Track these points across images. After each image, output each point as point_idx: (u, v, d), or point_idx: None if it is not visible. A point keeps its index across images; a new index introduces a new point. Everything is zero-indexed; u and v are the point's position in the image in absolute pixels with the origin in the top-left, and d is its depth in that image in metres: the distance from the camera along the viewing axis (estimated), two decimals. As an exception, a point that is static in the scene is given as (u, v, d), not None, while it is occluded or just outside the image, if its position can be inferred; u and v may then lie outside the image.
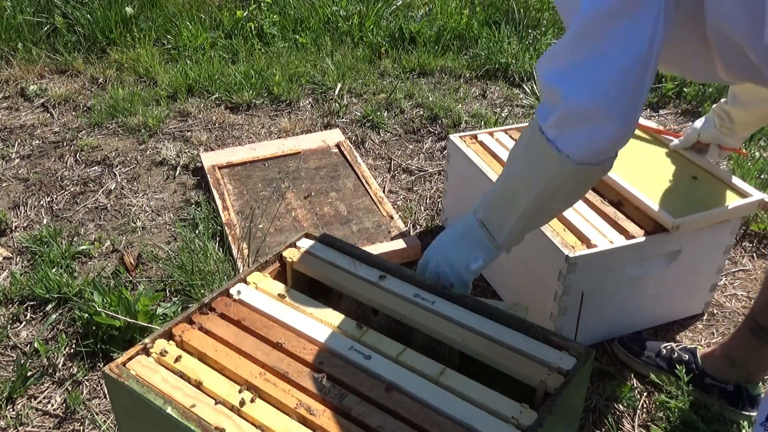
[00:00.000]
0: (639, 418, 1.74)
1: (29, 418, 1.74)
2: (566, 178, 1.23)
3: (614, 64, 1.10)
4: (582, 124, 1.15)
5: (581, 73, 1.12)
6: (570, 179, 1.24)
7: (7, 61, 3.50)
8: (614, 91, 1.12)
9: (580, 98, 1.13)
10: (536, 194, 1.27)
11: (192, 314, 1.31)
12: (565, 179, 1.24)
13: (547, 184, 1.25)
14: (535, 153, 1.24)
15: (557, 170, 1.22)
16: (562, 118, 1.16)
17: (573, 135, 1.17)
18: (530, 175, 1.26)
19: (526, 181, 1.27)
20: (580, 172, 1.22)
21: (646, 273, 1.85)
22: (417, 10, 4.04)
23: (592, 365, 1.64)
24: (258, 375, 1.18)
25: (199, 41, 3.67)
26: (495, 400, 1.12)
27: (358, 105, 3.22)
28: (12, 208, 2.52)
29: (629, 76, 1.11)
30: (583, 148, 1.18)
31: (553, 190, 1.26)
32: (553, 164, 1.21)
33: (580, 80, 1.12)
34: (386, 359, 1.21)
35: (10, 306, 2.07)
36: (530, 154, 1.26)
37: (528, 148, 1.27)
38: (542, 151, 1.21)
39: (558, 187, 1.26)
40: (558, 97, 1.15)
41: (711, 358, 1.74)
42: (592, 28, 1.10)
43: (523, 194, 1.28)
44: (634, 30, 1.08)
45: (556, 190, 1.27)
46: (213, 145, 2.92)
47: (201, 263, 2.12)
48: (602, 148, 1.19)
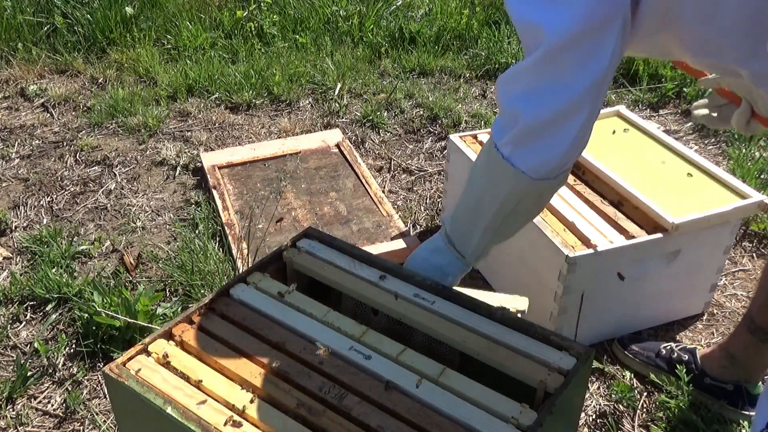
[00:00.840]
0: (639, 418, 1.74)
1: (29, 418, 1.74)
2: (524, 193, 1.25)
3: (575, 86, 1.12)
4: (536, 141, 1.18)
5: (541, 95, 1.14)
6: (528, 194, 1.26)
7: (7, 61, 3.50)
8: (572, 110, 1.14)
9: (537, 115, 1.15)
10: (497, 210, 1.28)
11: (192, 314, 1.31)
12: (523, 194, 1.26)
13: (506, 200, 1.27)
14: (493, 169, 1.25)
15: (515, 186, 1.23)
16: (517, 135, 1.18)
17: (527, 152, 1.19)
18: (490, 191, 1.28)
19: (487, 197, 1.29)
20: (537, 187, 1.23)
21: (646, 273, 1.85)
22: (417, 10, 4.04)
23: (592, 365, 1.64)
24: (258, 375, 1.18)
25: (199, 41, 3.67)
26: (495, 400, 1.12)
27: (358, 105, 3.22)
28: (12, 208, 2.52)
29: (587, 96, 1.13)
30: (537, 165, 1.20)
31: (513, 205, 1.28)
32: (511, 180, 1.23)
33: (539, 102, 1.15)
34: (386, 359, 1.21)
35: (10, 306, 2.07)
36: (488, 170, 1.28)
37: (486, 165, 1.28)
38: (499, 168, 1.23)
39: (517, 202, 1.27)
40: (516, 117, 1.17)
41: (710, 359, 1.74)
42: (556, 53, 1.10)
43: (485, 210, 1.30)
44: (597, 53, 1.09)
45: (516, 205, 1.28)
46: (213, 145, 2.92)
47: (201, 263, 2.12)
48: (556, 164, 1.21)
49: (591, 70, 1.11)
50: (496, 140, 1.23)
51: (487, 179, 1.29)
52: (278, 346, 1.24)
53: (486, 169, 1.29)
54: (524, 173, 1.20)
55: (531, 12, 1.11)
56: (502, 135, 1.22)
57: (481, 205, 1.31)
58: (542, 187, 1.24)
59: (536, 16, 1.09)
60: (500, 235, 1.36)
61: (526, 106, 1.16)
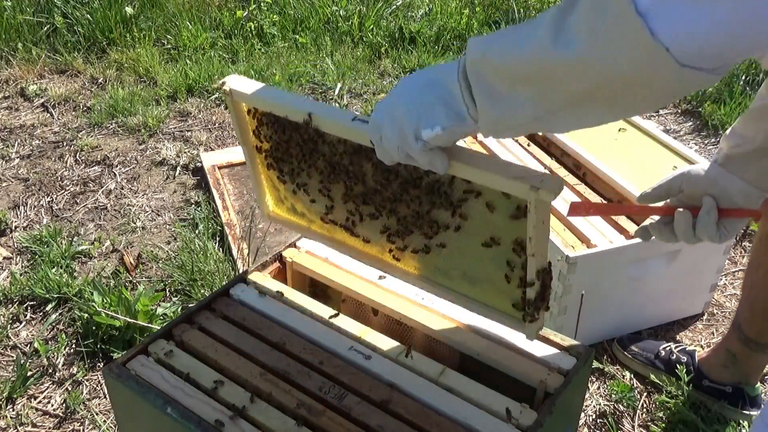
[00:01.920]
0: (639, 418, 1.74)
1: (29, 418, 1.74)
2: (648, 79, 0.73)
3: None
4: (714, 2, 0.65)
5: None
6: (653, 84, 0.74)
7: (7, 61, 3.50)
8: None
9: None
10: (585, 88, 0.77)
11: (192, 314, 1.31)
12: (644, 80, 0.74)
13: (610, 81, 0.75)
14: (607, 26, 0.71)
15: (639, 64, 0.71)
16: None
17: (689, 15, 0.67)
18: (587, 61, 0.74)
19: (577, 68, 0.76)
20: (676, 76, 0.71)
21: (646, 273, 1.85)
22: (417, 10, 4.04)
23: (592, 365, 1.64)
24: (258, 375, 1.18)
25: (199, 41, 3.67)
26: (495, 400, 1.12)
27: (358, 105, 3.22)
28: (12, 208, 2.52)
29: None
30: (700, 42, 0.68)
31: (616, 90, 0.76)
32: (636, 52, 0.70)
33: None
34: (386, 359, 1.21)
35: (10, 306, 2.07)
36: (596, 29, 0.72)
37: (594, 18, 0.72)
38: (621, 27, 0.70)
39: (626, 89, 0.76)
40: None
41: (708, 362, 1.74)
42: None
43: (561, 82, 0.79)
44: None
45: (620, 93, 0.77)
46: (213, 145, 2.92)
47: (201, 263, 2.12)
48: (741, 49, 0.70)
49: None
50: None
51: (589, 40, 0.73)
52: (278, 346, 1.25)
53: (591, 21, 0.73)
54: (668, 51, 0.68)
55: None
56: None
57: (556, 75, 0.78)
58: (686, 79, 0.71)
59: None
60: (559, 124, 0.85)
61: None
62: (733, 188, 1.17)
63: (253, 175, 1.34)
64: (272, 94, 1.18)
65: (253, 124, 1.24)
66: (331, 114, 1.10)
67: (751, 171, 1.16)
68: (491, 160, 0.98)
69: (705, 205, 1.15)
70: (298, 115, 1.14)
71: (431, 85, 0.91)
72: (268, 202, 1.38)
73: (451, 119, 0.89)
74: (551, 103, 0.81)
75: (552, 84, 0.79)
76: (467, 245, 1.09)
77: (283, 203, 1.36)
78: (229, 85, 1.18)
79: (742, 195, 1.17)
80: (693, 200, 1.19)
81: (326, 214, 1.26)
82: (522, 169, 0.94)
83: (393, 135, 0.94)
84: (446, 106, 0.89)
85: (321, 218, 1.28)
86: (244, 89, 1.18)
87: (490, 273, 1.09)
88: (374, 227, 1.20)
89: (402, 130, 0.93)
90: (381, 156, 1.00)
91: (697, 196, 1.18)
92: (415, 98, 0.91)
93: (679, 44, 0.68)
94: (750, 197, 1.17)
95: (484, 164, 0.96)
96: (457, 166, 0.97)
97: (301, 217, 1.34)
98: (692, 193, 1.19)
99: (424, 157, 0.94)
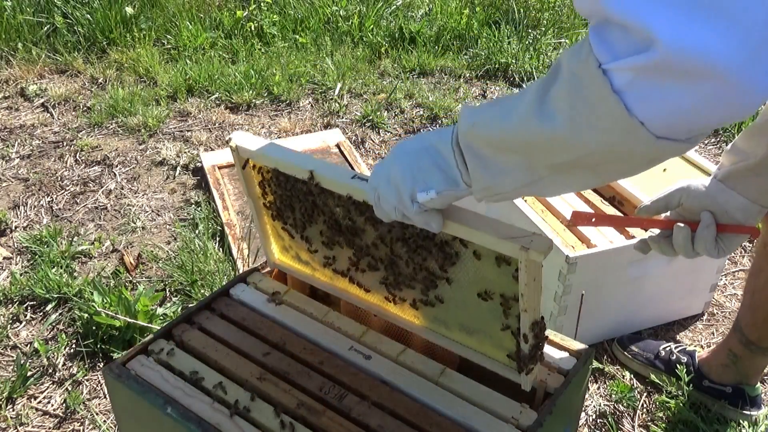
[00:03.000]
0: (639, 418, 1.74)
1: (29, 418, 1.74)
2: (626, 151, 0.77)
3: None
4: (683, 82, 0.68)
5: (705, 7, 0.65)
6: (631, 155, 0.77)
7: (7, 61, 3.50)
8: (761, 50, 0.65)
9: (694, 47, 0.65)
10: (568, 159, 0.81)
11: (192, 314, 1.31)
12: (622, 152, 0.77)
13: (591, 153, 0.78)
14: (585, 103, 0.75)
15: (616, 138, 0.74)
16: (650, 66, 0.68)
17: (660, 94, 0.69)
18: (566, 135, 0.78)
19: (558, 141, 0.79)
20: (652, 148, 0.74)
21: (646, 273, 1.85)
22: (417, 10, 4.04)
23: (592, 365, 1.64)
24: (258, 375, 1.18)
25: (199, 41, 3.67)
26: (495, 400, 1.12)
27: (358, 105, 3.22)
28: (12, 208, 2.52)
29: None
30: (672, 117, 0.71)
31: (597, 160, 0.80)
32: (613, 127, 0.74)
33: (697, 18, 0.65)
34: (386, 359, 1.21)
35: (10, 306, 2.07)
36: (575, 104, 0.76)
37: (573, 95, 0.76)
38: (598, 103, 0.73)
39: (606, 160, 0.80)
40: (645, 34, 0.67)
41: (708, 362, 1.74)
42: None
43: (545, 153, 0.82)
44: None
45: (602, 163, 0.81)
46: (213, 145, 2.92)
47: (201, 263, 2.12)
48: (708, 122, 0.72)
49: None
50: (601, 56, 0.72)
51: (568, 115, 0.77)
52: (278, 346, 1.25)
53: (570, 97, 0.76)
54: (643, 125, 0.71)
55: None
56: (612, 54, 0.71)
57: (540, 147, 0.82)
58: (662, 149, 0.74)
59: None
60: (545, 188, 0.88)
61: (669, 24, 0.66)
62: (733, 204, 1.17)
63: (258, 225, 1.39)
64: (276, 151, 1.23)
65: (258, 177, 1.29)
66: (332, 172, 1.15)
67: (751, 187, 1.17)
68: (484, 220, 1.01)
69: (704, 220, 1.16)
70: (300, 172, 1.18)
71: (427, 150, 0.95)
72: (274, 250, 1.43)
73: (445, 184, 0.93)
74: (538, 171, 0.85)
75: (537, 154, 0.83)
76: (463, 297, 1.13)
77: (287, 251, 1.40)
78: (235, 141, 1.24)
79: (741, 211, 1.17)
80: (692, 214, 1.20)
81: (328, 264, 1.31)
82: (513, 230, 0.98)
83: (390, 196, 0.98)
84: (441, 171, 0.93)
85: (323, 267, 1.33)
86: (250, 146, 1.23)
87: (486, 324, 1.13)
88: (374, 278, 1.25)
89: (399, 192, 0.96)
90: (378, 214, 1.03)
91: (696, 210, 1.19)
92: (412, 162, 0.95)
93: (653, 119, 0.71)
94: (749, 213, 1.18)
95: (476, 224, 1.00)
96: (451, 225, 1.01)
97: (305, 265, 1.38)
98: (692, 207, 1.20)
99: (420, 218, 0.98)
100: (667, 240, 1.21)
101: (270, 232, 1.40)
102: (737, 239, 1.18)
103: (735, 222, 1.17)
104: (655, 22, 0.66)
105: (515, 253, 0.96)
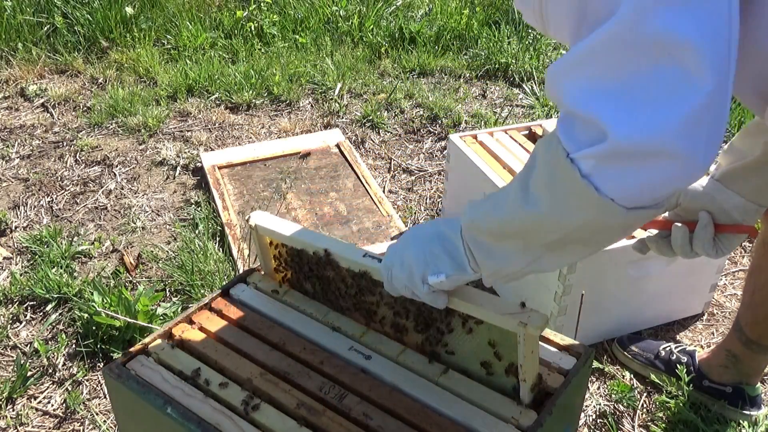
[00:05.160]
0: (639, 418, 1.74)
1: (29, 418, 1.74)
2: (606, 224, 0.88)
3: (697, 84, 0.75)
4: (637, 162, 0.79)
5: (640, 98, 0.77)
6: (610, 226, 0.89)
7: (7, 61, 3.50)
8: (695, 124, 0.76)
9: (640, 134, 0.77)
10: (557, 239, 0.92)
11: (192, 314, 1.31)
12: (603, 225, 0.88)
13: (576, 229, 0.89)
14: (561, 188, 0.86)
15: (595, 215, 0.86)
16: (607, 154, 0.80)
17: (621, 175, 0.81)
18: (551, 217, 0.89)
19: (545, 219, 0.90)
20: (626, 218, 0.85)
21: (646, 273, 1.85)
22: (417, 10, 4.04)
23: (592, 365, 1.64)
24: (258, 375, 1.18)
25: (199, 41, 3.67)
26: (495, 400, 1.12)
27: (358, 105, 3.22)
28: (12, 208, 2.52)
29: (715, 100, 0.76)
30: (636, 192, 0.82)
31: (585, 235, 0.91)
32: (590, 206, 0.84)
33: (638, 110, 0.77)
34: (386, 359, 1.21)
35: (10, 306, 2.07)
36: (553, 190, 0.88)
37: (549, 176, 0.88)
38: (572, 186, 0.84)
39: (592, 232, 0.90)
40: (598, 127, 0.79)
41: (708, 362, 1.74)
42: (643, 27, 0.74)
43: (537, 235, 0.93)
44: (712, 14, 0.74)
45: (590, 236, 0.92)
46: (213, 145, 2.92)
47: (201, 263, 2.12)
48: (666, 191, 0.83)
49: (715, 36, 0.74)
50: (571, 151, 0.83)
51: (551, 198, 0.88)
52: (278, 346, 1.25)
53: (548, 184, 0.88)
54: (613, 201, 0.82)
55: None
56: (576, 144, 0.83)
57: (537, 227, 0.92)
58: (634, 218, 0.85)
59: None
60: (549, 263, 0.98)
61: (615, 116, 0.78)
62: (731, 203, 1.19)
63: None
64: (293, 229, 1.33)
65: (274, 251, 1.38)
66: (345, 250, 1.26)
67: (748, 186, 1.19)
68: (485, 297, 1.10)
69: (701, 220, 1.19)
70: (316, 250, 1.29)
71: (438, 237, 1.06)
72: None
73: (454, 269, 1.03)
74: (535, 252, 0.96)
75: (530, 236, 0.94)
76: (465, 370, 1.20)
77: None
78: (254, 221, 1.34)
79: (739, 210, 1.19)
80: (690, 214, 1.21)
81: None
82: (512, 306, 1.07)
83: (402, 276, 1.08)
84: (451, 258, 1.03)
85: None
86: (267, 225, 1.34)
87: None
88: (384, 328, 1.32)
89: (411, 273, 1.07)
90: (388, 289, 1.13)
91: (694, 210, 1.21)
92: (425, 247, 1.06)
93: (620, 196, 0.82)
94: (747, 212, 1.19)
95: (479, 301, 1.09)
96: (455, 302, 1.10)
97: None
98: (690, 207, 1.22)
99: (428, 297, 1.08)
100: (665, 240, 1.22)
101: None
102: (735, 239, 1.19)
103: (733, 222, 1.18)
104: (604, 115, 0.78)
105: (514, 327, 1.05)
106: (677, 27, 0.73)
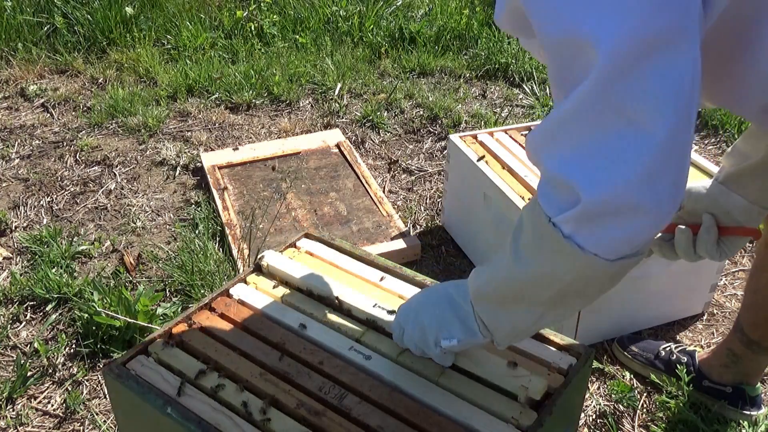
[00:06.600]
0: (639, 418, 1.74)
1: (29, 418, 1.74)
2: (594, 277, 0.95)
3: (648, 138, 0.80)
4: (609, 219, 0.86)
5: (603, 160, 0.83)
6: (599, 277, 0.95)
7: (7, 61, 3.50)
8: (653, 175, 0.82)
9: (607, 193, 0.84)
10: (552, 296, 0.98)
11: (192, 314, 1.31)
12: (593, 277, 0.95)
13: (569, 285, 0.96)
14: (548, 249, 0.93)
15: (582, 270, 0.93)
16: (582, 215, 0.87)
17: (599, 232, 0.88)
18: (544, 275, 0.96)
19: (538, 281, 0.98)
20: (613, 268, 0.91)
21: (646, 273, 1.85)
22: (417, 10, 4.04)
23: (592, 365, 1.64)
24: (258, 375, 1.18)
25: (199, 41, 3.67)
26: (495, 400, 1.12)
27: (358, 105, 3.22)
28: (12, 208, 2.52)
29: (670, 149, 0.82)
30: (616, 245, 0.89)
31: (578, 288, 0.97)
32: (576, 263, 0.91)
33: (602, 171, 0.83)
34: (386, 359, 1.21)
35: (10, 306, 2.07)
36: (540, 248, 0.95)
37: (536, 241, 0.95)
38: (558, 248, 0.91)
39: (584, 285, 0.97)
40: (572, 191, 0.86)
41: (708, 362, 1.74)
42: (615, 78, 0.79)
43: (535, 293, 1.00)
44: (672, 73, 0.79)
45: (583, 288, 0.98)
46: (213, 145, 2.92)
47: (201, 263, 2.12)
48: (642, 240, 0.90)
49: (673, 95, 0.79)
50: (548, 212, 0.91)
51: (540, 260, 0.95)
52: (278, 346, 1.25)
53: (536, 246, 0.95)
54: (597, 256, 0.89)
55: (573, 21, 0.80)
56: (556, 209, 0.90)
57: (533, 288, 0.99)
58: (621, 267, 0.92)
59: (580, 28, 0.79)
60: (553, 318, 1.04)
61: (584, 179, 0.85)
62: (734, 206, 1.19)
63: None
64: (303, 272, 1.38)
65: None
66: (355, 299, 1.32)
67: (752, 188, 1.18)
68: (489, 357, 1.18)
69: (705, 223, 1.20)
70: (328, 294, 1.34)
71: (450, 303, 1.12)
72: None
73: (465, 334, 1.10)
74: (537, 310, 1.01)
75: (530, 295, 1.00)
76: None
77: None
78: (266, 260, 1.42)
79: (742, 213, 1.19)
80: (694, 217, 1.21)
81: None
82: (513, 369, 1.16)
83: (415, 335, 1.15)
84: (462, 323, 1.10)
85: None
86: (278, 265, 1.40)
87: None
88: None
89: (424, 335, 1.14)
90: (397, 342, 1.21)
91: (697, 213, 1.21)
92: (438, 311, 1.13)
93: (602, 250, 0.88)
94: (751, 215, 1.19)
95: (482, 360, 1.17)
96: (462, 360, 1.18)
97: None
98: (693, 209, 1.22)
99: (438, 358, 1.16)
100: (668, 243, 1.23)
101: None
102: (739, 241, 1.19)
103: (737, 224, 1.18)
104: (575, 179, 0.85)
105: (515, 389, 1.12)
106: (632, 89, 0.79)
